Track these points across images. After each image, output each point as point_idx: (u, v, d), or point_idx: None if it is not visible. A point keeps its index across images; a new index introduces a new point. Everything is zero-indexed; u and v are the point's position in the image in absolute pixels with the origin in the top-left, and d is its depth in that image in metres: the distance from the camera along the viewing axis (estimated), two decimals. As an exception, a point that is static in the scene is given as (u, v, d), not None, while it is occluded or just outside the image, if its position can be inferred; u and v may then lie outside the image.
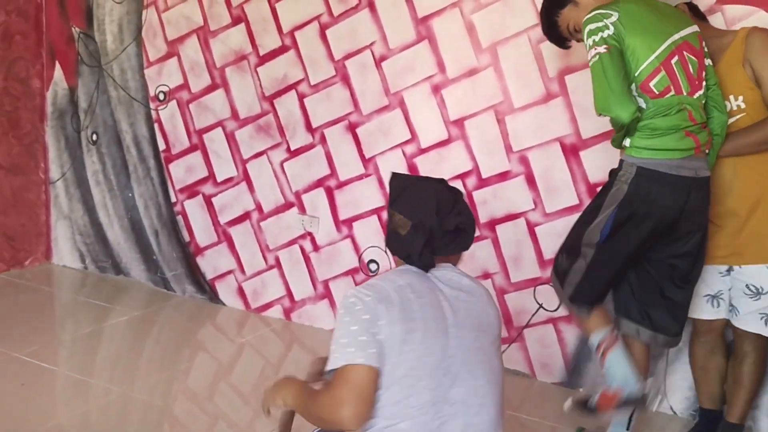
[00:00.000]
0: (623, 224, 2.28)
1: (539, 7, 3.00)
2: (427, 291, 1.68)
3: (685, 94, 2.25)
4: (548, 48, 3.03)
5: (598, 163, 3.01)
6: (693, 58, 2.30)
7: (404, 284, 1.67)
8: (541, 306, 3.21)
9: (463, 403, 1.62)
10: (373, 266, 3.60)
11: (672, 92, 2.24)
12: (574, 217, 3.03)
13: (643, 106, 2.24)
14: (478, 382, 1.65)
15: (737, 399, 2.61)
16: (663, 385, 3.02)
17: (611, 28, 2.23)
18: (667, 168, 2.23)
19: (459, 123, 3.28)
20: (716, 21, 2.73)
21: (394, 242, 1.78)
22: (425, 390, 1.59)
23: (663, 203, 2.24)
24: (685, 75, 2.26)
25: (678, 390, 2.98)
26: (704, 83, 2.33)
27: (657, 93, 2.23)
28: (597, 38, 2.23)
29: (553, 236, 3.11)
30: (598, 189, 2.98)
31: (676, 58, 2.26)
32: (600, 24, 2.24)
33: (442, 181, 1.83)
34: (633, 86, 2.24)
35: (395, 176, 1.86)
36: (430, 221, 1.71)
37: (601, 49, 2.22)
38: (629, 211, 2.26)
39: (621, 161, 2.32)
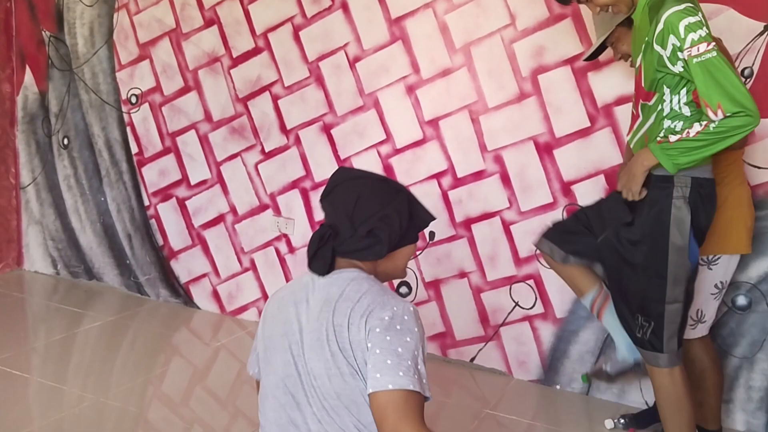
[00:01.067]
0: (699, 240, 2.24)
1: (511, 8, 3.04)
2: (290, 303, 1.59)
3: None
4: (521, 48, 3.05)
5: (572, 161, 3.03)
6: None
7: (280, 295, 1.65)
8: (517, 304, 3.23)
9: (305, 428, 1.51)
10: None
11: None
12: (549, 216, 3.08)
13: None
14: (316, 408, 1.50)
15: (709, 407, 2.62)
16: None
17: (705, 26, 2.08)
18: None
19: (434, 123, 3.29)
20: (685, 20, 2.76)
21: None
22: (269, 410, 1.56)
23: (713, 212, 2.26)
24: None
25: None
26: None
27: None
28: (704, 33, 2.05)
29: (528, 234, 3.14)
30: (572, 188, 3.03)
31: None
32: (699, 18, 2.07)
33: (383, 180, 1.68)
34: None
35: (339, 170, 1.71)
36: (342, 227, 1.59)
37: (713, 45, 2.05)
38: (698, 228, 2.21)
39: (663, 176, 2.19)
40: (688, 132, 2.12)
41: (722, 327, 2.86)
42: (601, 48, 2.58)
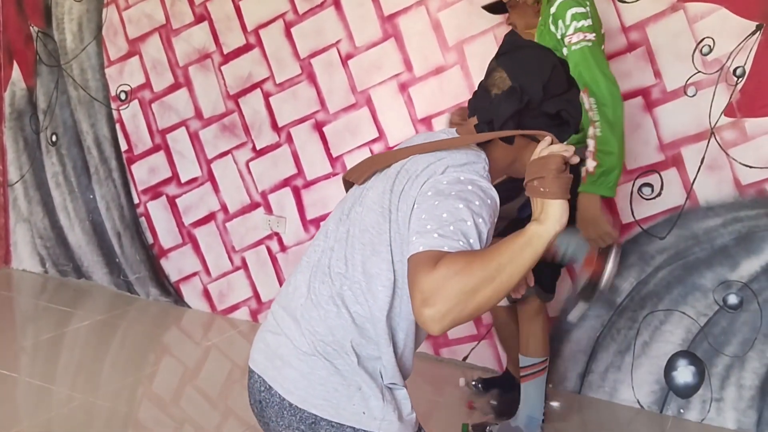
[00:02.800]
0: None
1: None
2: None
3: None
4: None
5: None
6: None
7: None
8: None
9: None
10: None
11: None
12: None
13: None
14: (344, 228, 1.40)
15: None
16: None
17: (590, 18, 2.25)
18: None
19: (426, 121, 3.28)
20: (678, 18, 2.77)
21: (480, 102, 1.45)
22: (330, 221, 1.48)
23: None
24: None
25: (645, 384, 3.02)
26: None
27: None
28: (586, 24, 2.22)
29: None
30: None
31: None
32: (584, 9, 2.24)
33: (564, 62, 1.48)
34: None
35: (512, 32, 1.57)
36: (532, 90, 1.39)
37: (591, 36, 2.22)
38: None
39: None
40: (590, 151, 2.23)
41: (714, 326, 2.87)
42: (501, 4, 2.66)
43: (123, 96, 4.02)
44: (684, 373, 2.93)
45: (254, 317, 3.85)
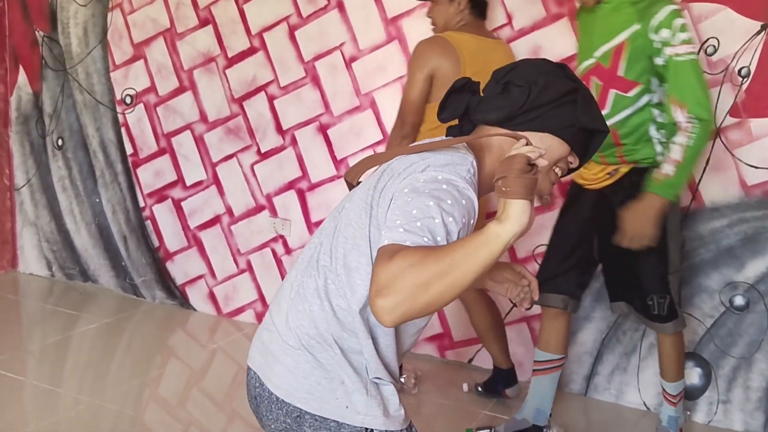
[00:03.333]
0: None
1: (508, 7, 3.04)
2: None
3: None
4: (518, 47, 3.04)
5: (569, 161, 3.02)
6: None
7: None
8: (515, 305, 3.21)
9: None
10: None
11: None
12: (547, 216, 3.07)
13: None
14: (336, 224, 1.39)
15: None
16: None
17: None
18: None
19: (430, 123, 3.27)
20: (683, 19, 2.76)
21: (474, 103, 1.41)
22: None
23: None
24: None
25: (651, 386, 3.00)
26: None
27: None
28: (690, 35, 2.27)
29: (526, 235, 3.12)
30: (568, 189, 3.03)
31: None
32: (686, 21, 2.30)
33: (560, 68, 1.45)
34: None
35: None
36: (488, 84, 1.44)
37: (694, 49, 2.29)
38: None
39: (644, 168, 2.41)
40: (673, 158, 2.27)
41: (720, 327, 2.86)
42: None
43: (128, 100, 4.04)
44: (690, 375, 2.92)
45: (260, 320, 3.85)
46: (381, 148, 3.40)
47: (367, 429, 1.32)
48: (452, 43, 2.58)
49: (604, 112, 2.34)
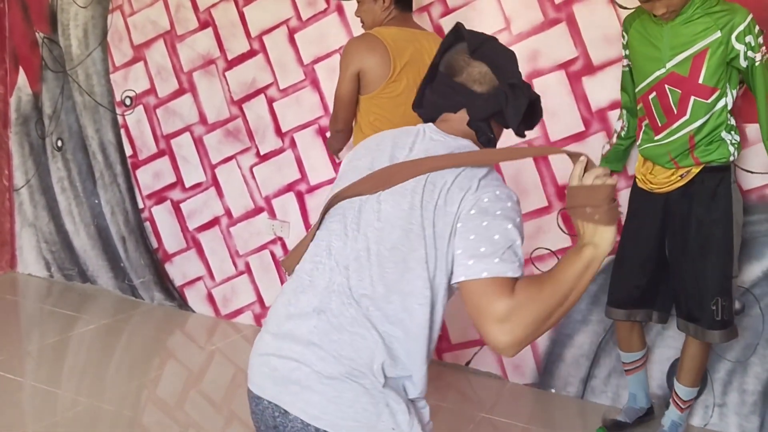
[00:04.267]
0: None
1: (506, 12, 3.05)
2: (389, 140, 1.49)
3: None
4: (516, 52, 3.05)
5: (567, 165, 3.02)
6: None
7: (381, 135, 1.55)
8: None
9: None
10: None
11: None
12: (544, 219, 3.09)
13: None
14: (360, 246, 1.38)
15: None
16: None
17: None
18: None
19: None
20: (680, 25, 2.78)
21: (461, 98, 1.47)
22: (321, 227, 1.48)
23: None
24: None
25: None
26: None
27: None
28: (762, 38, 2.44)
29: (525, 238, 3.13)
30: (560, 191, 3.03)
31: None
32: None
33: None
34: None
35: (461, 25, 1.55)
36: (521, 82, 1.48)
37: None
38: None
39: (717, 167, 2.52)
40: None
41: (716, 331, 2.87)
42: None
43: (128, 101, 4.05)
44: (686, 378, 2.93)
45: (258, 322, 3.86)
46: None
47: None
48: (379, 38, 2.63)
49: (683, 119, 2.48)
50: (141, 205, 4.11)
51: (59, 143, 4.32)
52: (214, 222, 3.90)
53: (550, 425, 2.96)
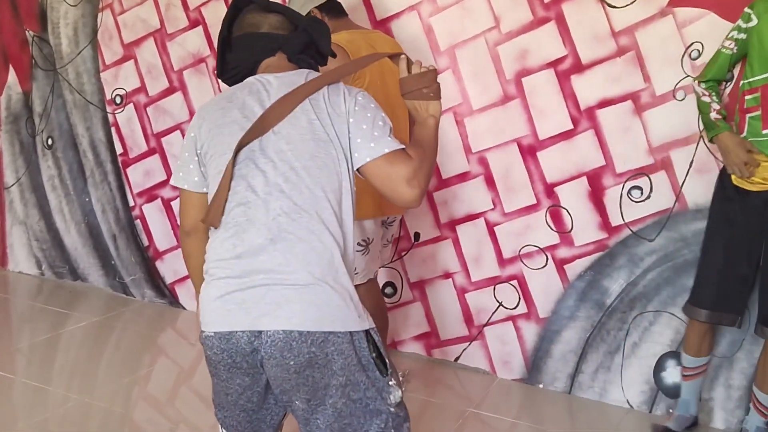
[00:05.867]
0: None
1: (495, 10, 3.07)
2: (239, 97, 1.68)
3: None
4: (505, 50, 3.08)
5: (555, 163, 3.06)
6: None
7: (219, 97, 1.73)
8: (500, 304, 3.26)
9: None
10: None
11: None
12: (533, 216, 3.11)
13: None
14: (283, 169, 1.58)
15: None
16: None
17: None
18: None
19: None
20: (667, 23, 2.80)
21: (274, 42, 1.75)
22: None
23: None
24: None
25: (634, 384, 3.05)
26: None
27: None
28: None
29: (512, 235, 3.17)
30: (555, 189, 3.06)
31: None
32: None
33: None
34: None
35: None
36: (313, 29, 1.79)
37: None
38: None
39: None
40: None
41: (702, 326, 2.90)
42: None
43: (118, 100, 4.05)
44: (673, 374, 2.96)
45: (249, 319, 3.87)
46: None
47: (366, 331, 1.55)
48: (335, 42, 2.65)
49: None
50: (132, 203, 4.11)
51: (49, 141, 4.32)
52: (204, 220, 3.91)
53: (538, 420, 2.98)
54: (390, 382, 1.57)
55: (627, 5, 2.86)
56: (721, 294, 2.59)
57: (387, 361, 1.58)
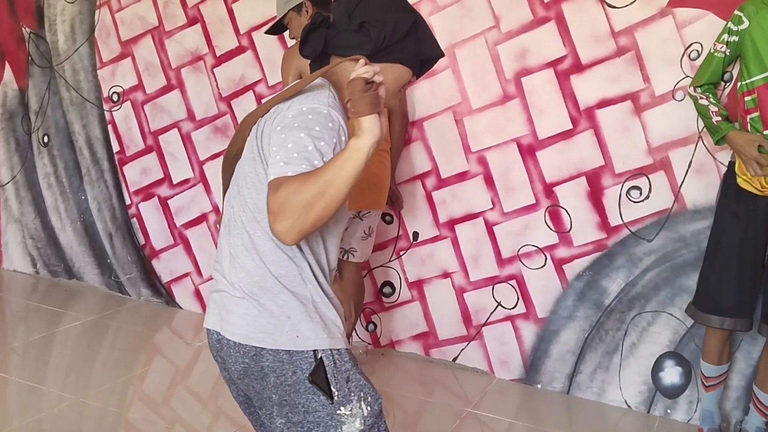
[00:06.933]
0: None
1: (495, 10, 3.06)
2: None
3: None
4: (505, 50, 3.07)
5: (554, 163, 3.06)
6: None
7: None
8: (499, 304, 3.25)
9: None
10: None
11: None
12: (531, 216, 3.11)
13: None
14: (237, 186, 1.54)
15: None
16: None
17: None
18: None
19: (418, 124, 3.30)
20: (667, 23, 2.81)
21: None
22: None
23: None
24: None
25: (632, 384, 3.05)
26: None
27: None
28: None
29: (511, 235, 3.16)
30: (554, 189, 3.05)
31: None
32: None
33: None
34: None
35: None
36: (339, 17, 1.57)
37: None
38: None
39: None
40: None
41: (700, 327, 2.89)
42: (281, 26, 2.93)
43: (115, 97, 4.03)
44: (671, 374, 2.97)
45: (245, 318, 3.85)
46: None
47: (315, 351, 1.46)
48: None
49: None
50: (128, 202, 4.09)
51: (45, 139, 4.30)
52: (201, 218, 3.90)
53: (536, 420, 2.98)
54: (338, 411, 1.47)
55: (627, 5, 2.86)
56: (741, 300, 2.56)
57: (332, 388, 1.47)
